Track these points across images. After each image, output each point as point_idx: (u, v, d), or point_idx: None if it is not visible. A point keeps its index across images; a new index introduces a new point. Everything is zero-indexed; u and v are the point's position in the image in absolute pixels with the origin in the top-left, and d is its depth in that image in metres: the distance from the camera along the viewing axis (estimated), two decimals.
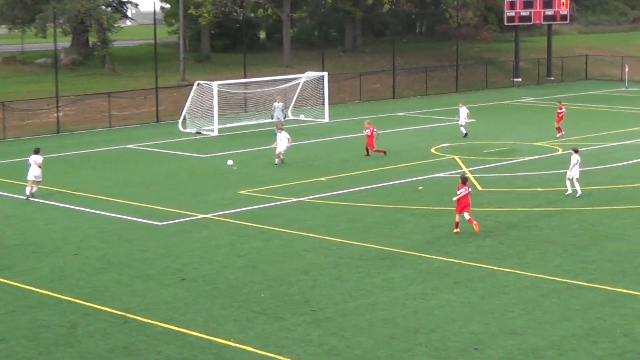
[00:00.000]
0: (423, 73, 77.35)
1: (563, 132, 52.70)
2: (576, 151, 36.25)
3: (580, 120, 62.10)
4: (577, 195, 37.36)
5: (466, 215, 30.12)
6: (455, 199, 30.93)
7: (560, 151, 50.93)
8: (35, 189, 37.92)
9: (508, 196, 40.47)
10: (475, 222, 30.41)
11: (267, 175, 43.81)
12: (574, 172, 37.97)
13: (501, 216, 36.28)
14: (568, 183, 36.63)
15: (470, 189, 31.25)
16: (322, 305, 25.93)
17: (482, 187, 41.82)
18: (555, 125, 52.54)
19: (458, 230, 30.98)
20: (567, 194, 37.32)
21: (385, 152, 47.21)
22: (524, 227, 35.16)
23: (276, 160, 43.97)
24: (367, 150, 46.34)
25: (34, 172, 37.76)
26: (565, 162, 44.75)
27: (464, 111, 53.29)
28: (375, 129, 44.98)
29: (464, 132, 53.00)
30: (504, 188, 42.25)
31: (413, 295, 26.68)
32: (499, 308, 25.40)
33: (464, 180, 30.94)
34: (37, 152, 38.28)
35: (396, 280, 28.16)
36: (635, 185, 43.40)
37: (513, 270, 29.18)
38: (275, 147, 44.21)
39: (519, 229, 34.87)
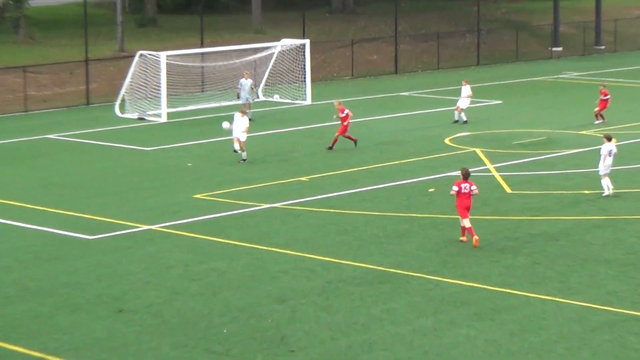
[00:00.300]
0: (434, 41, 78.61)
1: (605, 120, 53.81)
2: (609, 139, 35.77)
3: (636, 103, 63.03)
4: (604, 194, 38.35)
5: (466, 223, 30.70)
6: (452, 193, 31.55)
7: (614, 141, 46.84)
8: None
9: (545, 201, 40.16)
10: (475, 236, 30.71)
11: (232, 174, 43.63)
12: (606, 165, 38.46)
13: (537, 226, 35.74)
14: (603, 182, 37.48)
15: (474, 188, 31.47)
16: (304, 343, 25.10)
17: (512, 189, 42.08)
18: (596, 110, 53.92)
19: (464, 238, 31.57)
20: (604, 194, 37.77)
21: (355, 142, 47.18)
22: (566, 241, 34.42)
23: (235, 146, 44.39)
24: (335, 141, 46.80)
25: None
26: (619, 156, 45.20)
27: (466, 91, 54.29)
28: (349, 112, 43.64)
29: (464, 119, 54.74)
30: (540, 190, 42.12)
31: (422, 331, 25.72)
32: (535, 347, 24.51)
33: (466, 176, 31.38)
34: None
35: (400, 310, 27.36)
36: None
37: (553, 298, 28.38)
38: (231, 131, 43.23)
39: (560, 243, 34.06)
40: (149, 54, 55.48)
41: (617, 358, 24.15)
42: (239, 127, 44.10)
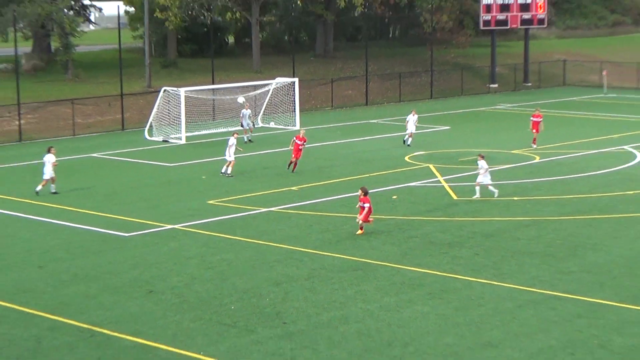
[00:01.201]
0: (397, 79, 78.20)
1: (535, 144, 54.97)
2: (482, 157, 36.86)
3: (558, 128, 63.16)
4: (495, 195, 39.05)
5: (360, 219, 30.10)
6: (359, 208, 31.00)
7: (537, 159, 51.96)
8: (42, 187, 40.36)
9: (484, 206, 40.60)
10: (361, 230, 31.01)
11: (237, 185, 44.03)
12: (484, 179, 38.38)
13: (477, 226, 36.53)
14: (477, 188, 37.33)
15: (366, 205, 31.58)
16: (294, 317, 26.01)
17: (457, 197, 42.37)
18: (534, 133, 53.99)
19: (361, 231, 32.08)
20: (474, 197, 38.28)
21: (294, 167, 46.33)
22: (500, 238, 35.36)
23: (229, 170, 44.56)
24: (293, 164, 45.54)
25: (48, 171, 39.56)
26: (543, 170, 48.04)
27: (414, 119, 54.40)
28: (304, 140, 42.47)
29: (407, 140, 54.79)
30: (480, 197, 42.40)
31: (387, 308, 26.69)
32: (475, 320, 25.45)
33: (365, 192, 30.98)
34: (49, 150, 40.15)
35: (370, 292, 28.32)
36: (614, 194, 43.83)
37: (489, 282, 29.43)
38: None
39: (495, 239, 34.98)
40: (171, 90, 55.57)
41: (539, 328, 24.93)
42: (231, 148, 44.18)
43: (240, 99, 33.11)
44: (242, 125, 54.85)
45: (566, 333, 24.46)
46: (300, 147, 44.85)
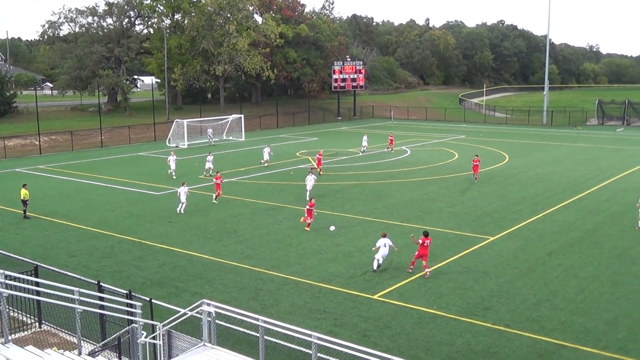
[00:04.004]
0: (292, 114, 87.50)
1: (390, 148, 55.33)
2: (385, 235, 22.99)
3: (373, 138, 66.37)
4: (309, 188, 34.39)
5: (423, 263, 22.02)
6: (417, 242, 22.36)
7: (360, 153, 53.12)
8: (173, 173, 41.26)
9: (336, 176, 42.21)
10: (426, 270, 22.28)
11: (215, 169, 43.09)
12: (309, 184, 33.43)
13: (332, 187, 38.38)
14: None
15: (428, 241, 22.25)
16: (243, 233, 27.69)
17: (322, 172, 42.89)
18: (390, 145, 55.42)
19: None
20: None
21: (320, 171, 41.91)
22: (343, 192, 37.03)
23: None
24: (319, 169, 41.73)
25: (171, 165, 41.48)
26: (363, 158, 48.63)
27: (365, 138, 55.94)
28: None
29: (364, 151, 53.92)
30: (333, 172, 43.71)
31: (288, 227, 28.88)
32: (330, 232, 27.53)
33: (426, 234, 22.31)
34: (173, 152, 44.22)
35: (280, 219, 30.27)
36: (398, 170, 45.21)
37: (338, 213, 31.62)
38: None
39: (341, 193, 36.80)
40: (178, 120, 64.13)
41: (361, 235, 27.74)
42: (210, 160, 42.28)
43: (332, 228, 26.44)
44: (208, 140, 62.05)
45: (373, 238, 26.33)
46: (320, 158, 42.77)
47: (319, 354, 12.26)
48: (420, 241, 21.95)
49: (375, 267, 22.46)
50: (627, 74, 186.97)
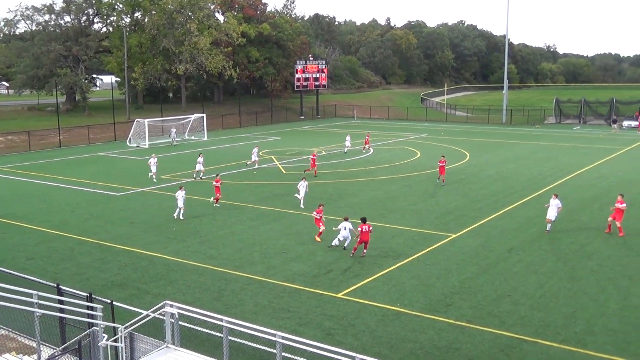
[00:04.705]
0: (254, 114, 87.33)
1: (367, 147, 55.28)
2: (347, 219, 24.60)
3: (334, 137, 67.70)
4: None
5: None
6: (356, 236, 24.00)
7: (324, 153, 53.04)
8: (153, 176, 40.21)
9: (298, 175, 40.95)
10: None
11: (178, 167, 44.31)
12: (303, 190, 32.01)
13: (296, 185, 36.85)
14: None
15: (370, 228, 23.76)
16: (206, 233, 27.51)
17: (286, 171, 43.70)
18: (365, 145, 55.42)
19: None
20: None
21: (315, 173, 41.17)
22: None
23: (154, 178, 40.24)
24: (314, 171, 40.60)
25: (152, 167, 39.87)
26: (325, 158, 48.49)
27: (348, 138, 55.68)
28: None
29: (346, 151, 53.76)
30: (296, 172, 43.17)
31: (251, 226, 28.81)
32: (294, 231, 27.79)
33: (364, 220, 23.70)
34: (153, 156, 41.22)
35: (243, 219, 30.18)
36: (359, 169, 45.37)
37: (300, 212, 31.45)
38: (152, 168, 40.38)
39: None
40: (139, 120, 63.26)
41: (314, 232, 27.94)
42: (153, 163, 40.29)
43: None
44: (170, 137, 61.35)
45: (330, 233, 26.20)
46: (314, 159, 42.02)
47: (283, 354, 12.18)
48: (359, 228, 23.12)
49: (333, 243, 24.36)
50: (582, 74, 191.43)
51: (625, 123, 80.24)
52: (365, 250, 23.70)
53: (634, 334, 17.03)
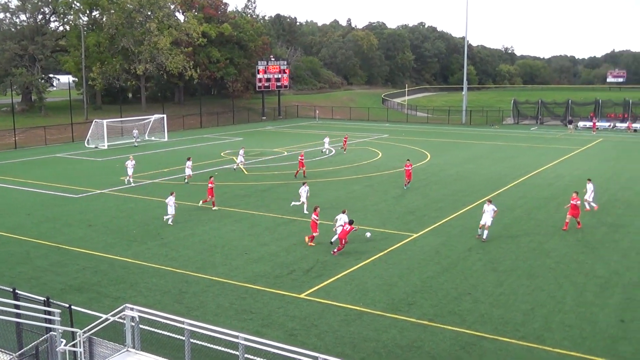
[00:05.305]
0: (216, 114, 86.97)
1: (344, 149, 54.96)
2: (344, 212, 25.71)
3: (293, 137, 67.67)
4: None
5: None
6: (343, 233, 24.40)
7: (285, 153, 53.42)
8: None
9: (261, 176, 42.13)
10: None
11: (138, 170, 42.64)
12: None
13: (258, 186, 38.33)
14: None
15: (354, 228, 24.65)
16: (167, 235, 27.40)
17: (247, 172, 43.40)
18: (344, 146, 55.19)
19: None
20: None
21: (304, 174, 40.93)
22: (269, 192, 36.95)
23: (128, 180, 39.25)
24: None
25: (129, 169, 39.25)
26: (287, 158, 48.78)
27: (327, 140, 55.39)
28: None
29: (326, 152, 53.46)
30: (259, 172, 43.70)
31: (213, 227, 28.79)
32: (256, 232, 28.02)
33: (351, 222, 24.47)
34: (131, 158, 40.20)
35: (205, 220, 30.11)
36: (322, 169, 45.58)
37: (263, 213, 31.55)
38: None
39: (267, 192, 36.71)
40: (98, 120, 62.13)
41: (288, 235, 27.86)
42: (130, 165, 39.21)
43: (368, 234, 25.64)
44: (134, 138, 61.02)
45: (304, 233, 27.84)
46: (302, 160, 41.95)
47: (246, 355, 12.16)
48: (348, 228, 24.08)
49: (333, 239, 24.91)
50: (539, 75, 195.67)
51: (581, 124, 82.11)
52: (337, 250, 23.96)
53: (589, 330, 17.44)
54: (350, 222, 24.32)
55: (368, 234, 26.56)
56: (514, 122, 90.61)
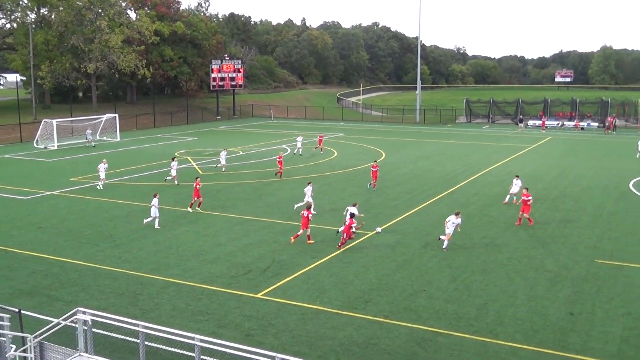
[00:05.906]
0: (169, 114, 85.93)
1: (319, 148, 54.68)
2: (355, 205, 26.87)
3: (250, 136, 68.01)
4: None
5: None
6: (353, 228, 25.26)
7: (240, 153, 53.53)
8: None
9: (217, 176, 41.92)
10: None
11: (87, 169, 43.20)
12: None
13: (214, 186, 37.66)
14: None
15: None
16: (120, 236, 27.21)
17: (202, 172, 43.16)
18: (319, 145, 54.89)
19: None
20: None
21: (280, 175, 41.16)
22: (224, 192, 36.58)
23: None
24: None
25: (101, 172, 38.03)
26: (242, 158, 49.03)
27: (300, 139, 54.48)
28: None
29: (300, 152, 52.90)
30: (213, 172, 43.51)
31: (167, 229, 28.47)
32: (213, 232, 27.98)
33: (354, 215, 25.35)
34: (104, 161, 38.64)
35: (159, 221, 29.24)
36: (274, 169, 44.67)
37: (220, 213, 31.39)
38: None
39: (222, 192, 36.40)
40: (47, 120, 60.26)
41: (242, 235, 28.04)
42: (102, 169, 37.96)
43: (378, 229, 26.16)
44: (86, 139, 59.60)
45: (255, 235, 27.62)
46: (280, 161, 41.83)
47: (202, 357, 12.07)
48: (349, 222, 24.94)
49: (339, 229, 25.85)
50: (490, 75, 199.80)
51: (531, 122, 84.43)
52: (340, 244, 24.83)
53: (540, 323, 17.90)
54: (352, 216, 25.03)
55: (378, 229, 26.99)
56: (466, 121, 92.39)
